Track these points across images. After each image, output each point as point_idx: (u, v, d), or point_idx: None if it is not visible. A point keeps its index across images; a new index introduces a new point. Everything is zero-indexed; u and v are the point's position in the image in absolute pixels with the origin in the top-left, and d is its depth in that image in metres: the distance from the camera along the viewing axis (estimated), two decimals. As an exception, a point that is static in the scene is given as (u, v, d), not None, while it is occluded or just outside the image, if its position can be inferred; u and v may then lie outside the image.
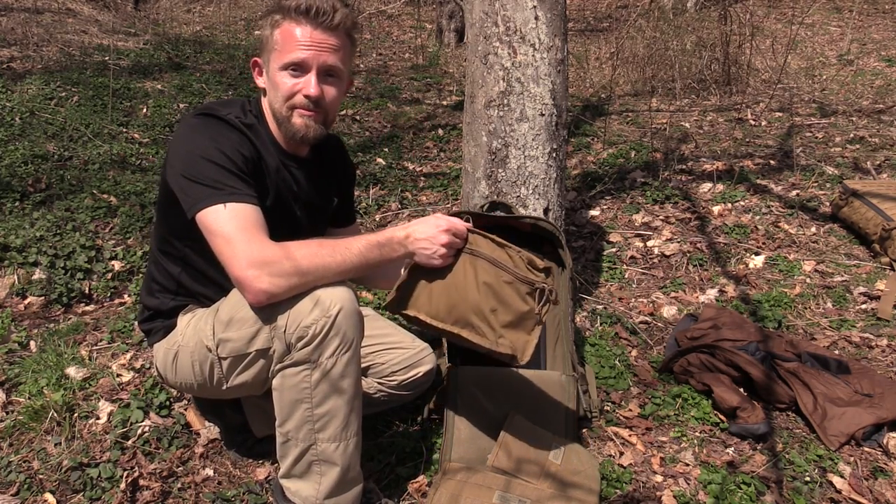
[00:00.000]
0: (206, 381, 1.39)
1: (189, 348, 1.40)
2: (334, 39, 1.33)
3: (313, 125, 1.38)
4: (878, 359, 2.12)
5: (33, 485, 1.53)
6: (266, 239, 1.23)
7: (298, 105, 1.35)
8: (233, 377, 1.35)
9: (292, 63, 1.32)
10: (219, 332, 1.32)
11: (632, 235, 2.96)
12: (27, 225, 2.63)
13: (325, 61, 1.33)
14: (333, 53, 1.34)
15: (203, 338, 1.36)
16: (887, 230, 2.64)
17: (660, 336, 2.28)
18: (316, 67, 1.33)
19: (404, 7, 8.67)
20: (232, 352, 1.31)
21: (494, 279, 1.33)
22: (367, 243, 1.27)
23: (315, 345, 1.21)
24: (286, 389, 1.26)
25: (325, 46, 1.32)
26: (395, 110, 4.97)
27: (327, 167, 1.60)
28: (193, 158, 1.27)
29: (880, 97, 5.22)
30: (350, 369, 1.25)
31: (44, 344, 2.09)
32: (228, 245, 1.21)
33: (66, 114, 3.96)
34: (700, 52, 5.44)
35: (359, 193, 3.43)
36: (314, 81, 1.33)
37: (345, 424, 1.29)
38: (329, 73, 1.36)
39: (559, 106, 2.08)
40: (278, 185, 1.43)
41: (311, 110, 1.36)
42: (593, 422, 1.82)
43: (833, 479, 1.62)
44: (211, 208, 1.23)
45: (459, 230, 1.33)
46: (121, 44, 5.77)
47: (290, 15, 1.31)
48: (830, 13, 8.46)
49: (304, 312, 1.20)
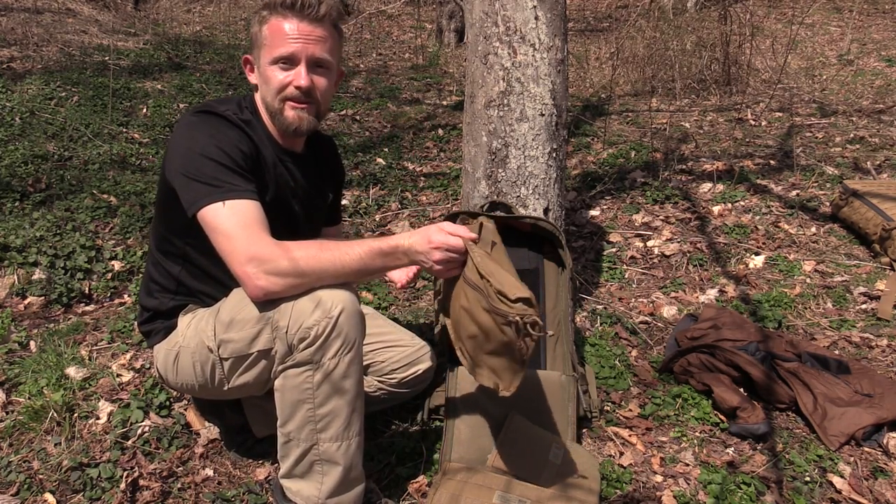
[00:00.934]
0: (208, 382, 1.39)
1: (190, 349, 1.39)
2: (321, 31, 1.35)
3: (306, 117, 1.39)
4: (878, 359, 2.12)
5: (33, 485, 1.53)
6: (266, 236, 1.24)
7: (290, 97, 1.37)
8: (234, 378, 1.35)
9: (281, 57, 1.34)
10: (220, 332, 1.32)
11: (632, 235, 2.96)
12: (27, 225, 2.63)
13: (312, 53, 1.35)
14: (321, 44, 1.36)
15: (204, 338, 1.36)
16: (887, 230, 2.64)
17: (660, 336, 2.28)
18: (305, 59, 1.35)
19: (404, 7, 8.67)
20: (234, 352, 1.31)
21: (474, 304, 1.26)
22: (369, 250, 1.26)
23: (317, 346, 1.21)
24: (288, 390, 1.26)
25: (313, 38, 1.34)
26: (395, 110, 4.97)
27: (322, 163, 1.61)
28: (192, 156, 1.27)
29: (880, 97, 5.22)
30: (352, 370, 1.25)
31: (44, 344, 2.09)
32: (229, 242, 1.22)
33: (66, 114, 3.96)
34: (700, 52, 5.44)
35: (359, 193, 3.43)
36: (304, 73, 1.35)
37: (347, 424, 1.29)
38: (318, 63, 1.38)
39: (559, 106, 2.08)
40: (277, 179, 1.44)
41: (303, 102, 1.37)
42: (593, 422, 1.82)
43: (833, 479, 1.62)
44: (211, 206, 1.24)
45: (452, 246, 1.27)
46: (121, 44, 5.77)
47: (277, 10, 1.33)
48: (830, 13, 8.46)
49: (306, 313, 1.20)
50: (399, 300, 2.51)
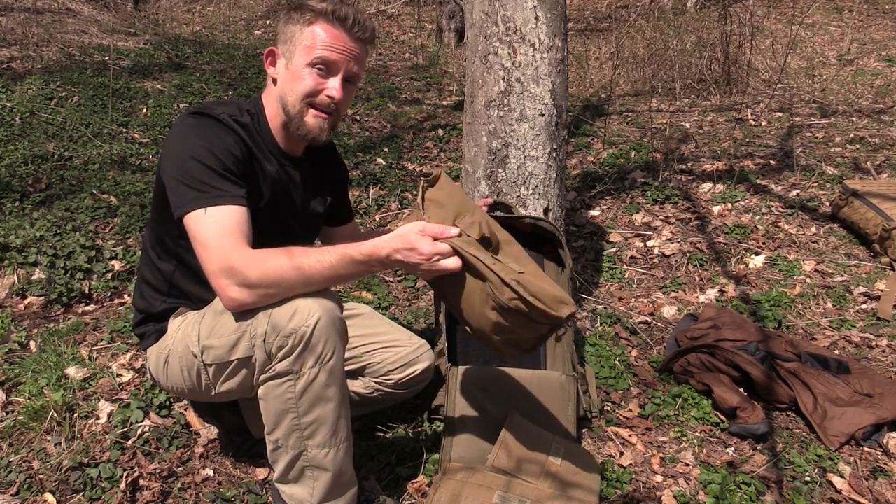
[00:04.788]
0: (196, 387, 1.39)
1: (178, 353, 1.39)
2: (360, 50, 1.40)
3: (326, 128, 1.40)
4: (878, 359, 2.12)
5: (33, 485, 1.53)
6: (241, 245, 1.23)
7: (318, 104, 1.37)
8: (219, 384, 1.35)
9: (324, 61, 1.35)
10: (203, 338, 1.33)
11: (632, 235, 2.96)
12: (27, 225, 2.64)
13: (351, 69, 1.39)
14: (358, 63, 1.41)
15: (189, 343, 1.36)
16: (887, 230, 2.64)
17: (660, 336, 2.28)
18: (344, 71, 1.37)
19: (404, 7, 8.67)
20: (216, 359, 1.32)
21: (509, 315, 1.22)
22: (340, 257, 1.21)
23: (295, 355, 1.20)
24: (271, 399, 1.26)
25: (354, 54, 1.38)
26: (395, 110, 4.97)
27: (321, 166, 1.60)
28: (183, 159, 1.27)
29: (880, 97, 5.22)
30: (334, 377, 1.24)
31: (44, 344, 2.09)
32: (206, 251, 1.23)
33: (66, 114, 3.96)
34: (700, 52, 5.44)
35: (359, 193, 3.43)
36: (339, 85, 1.36)
37: (333, 431, 1.28)
38: (350, 79, 1.41)
39: (559, 106, 2.08)
40: (273, 184, 1.43)
41: (328, 112, 1.39)
42: (593, 422, 1.82)
43: (833, 479, 1.62)
44: (193, 213, 1.25)
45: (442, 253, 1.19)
46: (121, 44, 5.77)
47: (328, 18, 1.35)
48: (830, 13, 8.46)
49: (283, 322, 1.20)
50: (399, 300, 2.51)
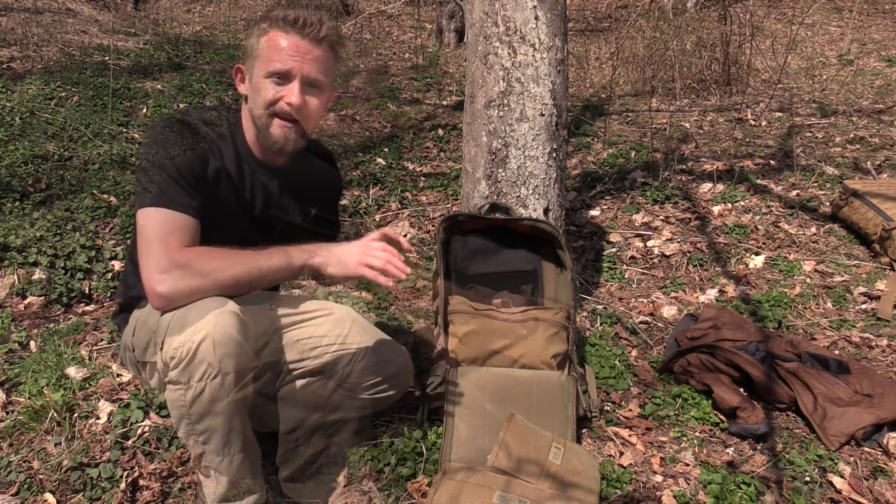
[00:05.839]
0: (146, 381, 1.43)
1: (125, 346, 1.45)
2: (318, 52, 1.36)
3: (293, 137, 1.40)
4: (878, 359, 2.12)
5: (33, 485, 1.53)
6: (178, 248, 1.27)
7: (279, 112, 1.37)
8: (150, 380, 1.39)
9: (277, 72, 1.34)
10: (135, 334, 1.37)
11: (632, 235, 2.96)
12: (27, 225, 2.63)
13: (308, 72, 1.36)
14: (317, 65, 1.37)
15: (127, 338, 1.41)
16: (887, 230, 2.64)
17: (660, 336, 2.28)
18: (299, 77, 1.35)
19: (404, 7, 8.67)
20: (139, 357, 1.36)
21: None
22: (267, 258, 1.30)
23: (182, 368, 1.22)
24: (170, 402, 1.30)
25: (310, 58, 1.35)
26: (395, 110, 4.97)
27: (305, 177, 1.56)
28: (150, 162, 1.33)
29: (880, 97, 5.22)
30: (221, 393, 1.24)
31: (44, 344, 2.09)
32: (146, 247, 1.28)
33: (66, 114, 3.96)
34: (700, 52, 5.44)
35: (359, 193, 3.43)
36: (297, 90, 1.35)
37: (225, 442, 1.31)
38: (311, 84, 1.38)
39: (559, 106, 2.08)
40: (241, 195, 1.45)
41: (291, 120, 1.38)
42: (593, 422, 1.82)
43: (833, 479, 1.62)
44: (144, 210, 1.29)
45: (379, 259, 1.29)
46: (121, 44, 5.77)
47: (279, 25, 1.34)
48: (830, 13, 8.46)
49: (175, 333, 1.22)
50: (399, 300, 2.51)
